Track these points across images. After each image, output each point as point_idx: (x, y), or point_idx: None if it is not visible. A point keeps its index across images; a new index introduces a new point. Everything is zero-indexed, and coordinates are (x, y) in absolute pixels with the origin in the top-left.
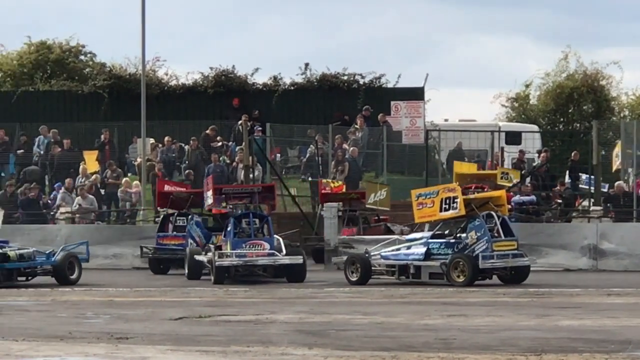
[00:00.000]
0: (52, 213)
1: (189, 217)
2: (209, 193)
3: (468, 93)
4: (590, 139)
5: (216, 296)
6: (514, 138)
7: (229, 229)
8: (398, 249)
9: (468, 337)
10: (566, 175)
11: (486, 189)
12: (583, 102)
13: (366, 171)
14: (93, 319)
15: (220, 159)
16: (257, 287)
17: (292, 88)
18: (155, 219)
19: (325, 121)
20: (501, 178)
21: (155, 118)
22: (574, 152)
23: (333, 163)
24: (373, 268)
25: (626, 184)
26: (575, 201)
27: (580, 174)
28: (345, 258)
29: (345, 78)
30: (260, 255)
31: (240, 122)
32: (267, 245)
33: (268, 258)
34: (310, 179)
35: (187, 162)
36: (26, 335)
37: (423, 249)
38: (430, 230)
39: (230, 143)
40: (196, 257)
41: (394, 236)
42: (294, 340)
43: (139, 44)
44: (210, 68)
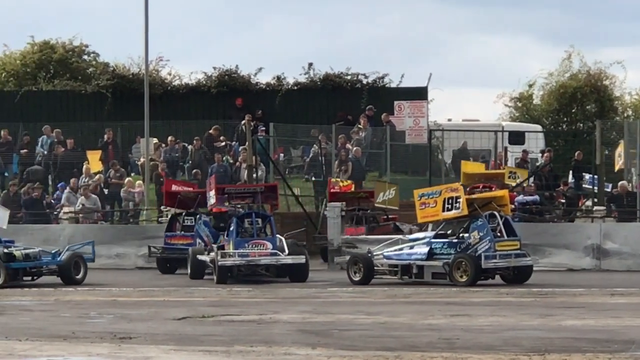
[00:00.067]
0: (56, 213)
1: (197, 217)
2: (212, 193)
3: (471, 93)
4: (593, 139)
5: (219, 296)
6: (517, 138)
7: (231, 229)
8: (401, 249)
9: (471, 337)
10: (569, 175)
11: (494, 189)
12: (586, 102)
13: (369, 171)
14: (96, 319)
15: (224, 158)
16: (260, 287)
17: (296, 88)
18: (159, 219)
19: (328, 121)
20: (509, 177)
21: (159, 118)
22: (577, 152)
23: (336, 163)
24: (376, 268)
25: (629, 184)
26: (579, 201)
27: (583, 173)
28: (348, 258)
29: (348, 78)
30: (262, 255)
31: (243, 122)
32: (270, 245)
33: (270, 258)
34: (313, 178)
35: (191, 162)
36: (29, 335)
37: (426, 249)
38: (434, 230)
39: (234, 143)
40: (199, 257)
41: (397, 236)
42: (297, 340)
43: (142, 43)
44: (214, 68)
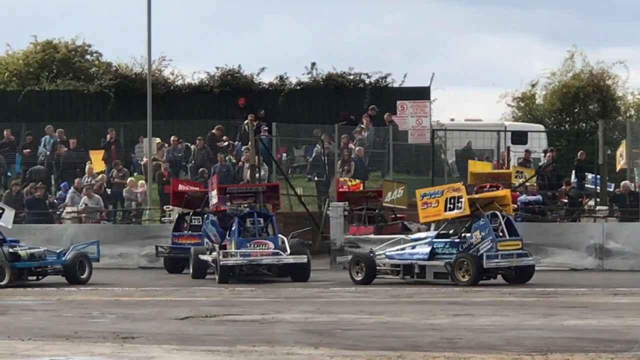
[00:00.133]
0: (59, 213)
1: (205, 217)
2: (214, 193)
3: (474, 93)
4: (596, 139)
5: (222, 296)
6: (520, 138)
7: (233, 229)
8: (403, 249)
9: (474, 337)
10: (572, 175)
11: (501, 188)
12: (589, 102)
13: (372, 171)
14: (99, 319)
15: (227, 158)
16: (263, 287)
17: (298, 88)
18: (161, 219)
19: (331, 121)
20: (515, 177)
21: (161, 118)
22: (580, 152)
23: (339, 163)
24: (378, 267)
25: (632, 184)
26: (582, 201)
27: (586, 173)
28: (350, 257)
29: (351, 77)
30: (264, 255)
31: (246, 122)
32: (272, 245)
33: (272, 257)
34: (316, 178)
35: (193, 162)
36: (32, 334)
37: (428, 249)
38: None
39: (237, 142)
40: (201, 257)
41: (399, 236)
42: (300, 340)
43: (145, 43)
44: (216, 67)
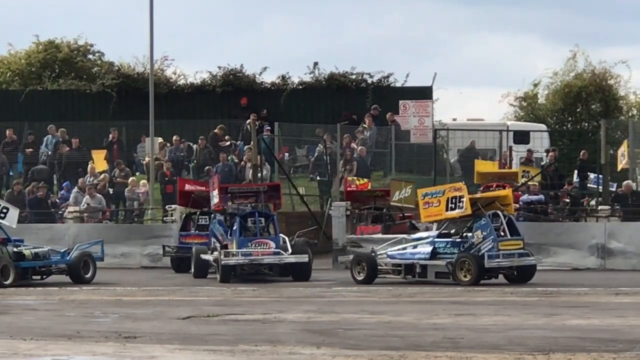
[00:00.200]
0: (61, 212)
1: (212, 216)
2: (215, 192)
3: (476, 92)
4: (598, 138)
5: (224, 295)
6: (522, 137)
7: (234, 228)
8: (404, 248)
9: (476, 337)
10: (574, 175)
11: (507, 188)
12: (591, 102)
13: (374, 170)
14: (101, 318)
15: (229, 158)
16: (265, 287)
17: (301, 87)
18: (164, 218)
19: (333, 120)
20: (522, 176)
21: (164, 117)
22: (582, 152)
23: (341, 162)
24: (379, 267)
25: (634, 183)
26: (584, 201)
27: (588, 173)
28: (351, 257)
29: (353, 77)
30: (265, 254)
31: (248, 121)
32: (273, 244)
33: (273, 257)
34: (318, 178)
35: (195, 161)
36: (34, 334)
37: (429, 248)
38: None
39: (239, 142)
40: (202, 256)
41: (400, 235)
42: (302, 340)
43: (147, 43)
44: (219, 67)
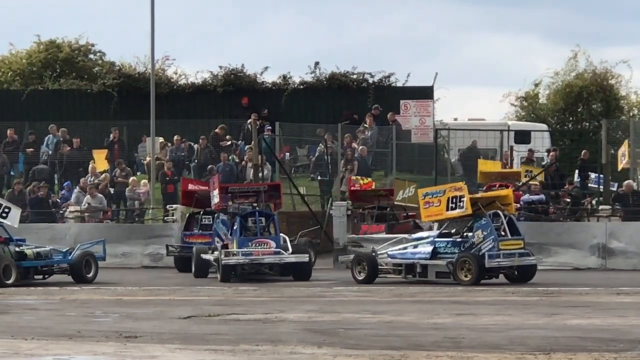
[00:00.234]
0: (62, 212)
1: (215, 216)
2: (215, 192)
3: (477, 92)
4: (599, 138)
5: (225, 295)
6: (523, 137)
7: (235, 228)
8: (405, 248)
9: (477, 336)
10: (575, 174)
11: (510, 187)
12: (592, 101)
13: (375, 170)
14: (102, 318)
15: (230, 157)
16: (266, 286)
17: (302, 87)
18: (164, 218)
19: (334, 120)
20: (525, 176)
21: (165, 117)
22: (583, 151)
23: (342, 162)
24: (380, 267)
25: (635, 183)
26: (585, 201)
27: (589, 173)
28: (352, 257)
29: (354, 77)
30: (266, 254)
31: (249, 121)
32: (273, 244)
33: (274, 256)
34: (319, 177)
35: (196, 161)
36: (35, 334)
37: (430, 248)
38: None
39: (240, 142)
40: (203, 256)
41: (401, 235)
42: (303, 339)
43: (148, 42)
44: (220, 67)
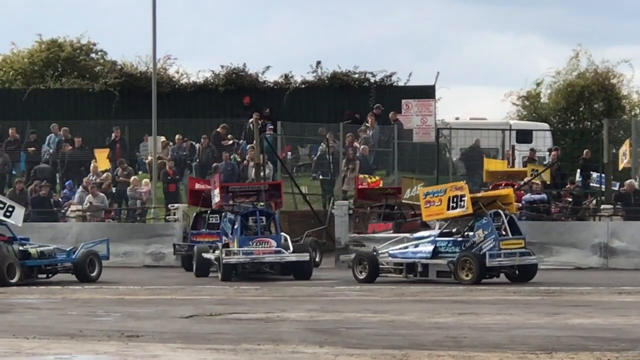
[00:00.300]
0: (63, 211)
1: (222, 215)
2: (216, 191)
3: (479, 91)
4: (601, 138)
5: (227, 294)
6: (524, 136)
7: (235, 227)
8: (406, 247)
9: (478, 336)
10: (577, 174)
11: (516, 186)
12: (594, 101)
13: (377, 169)
14: (103, 317)
15: (231, 157)
16: (268, 285)
17: (303, 86)
18: (166, 217)
19: (336, 119)
20: (531, 175)
21: (166, 116)
22: (585, 151)
23: (344, 161)
24: (381, 266)
25: (637, 182)
26: (586, 199)
27: (591, 172)
28: (353, 256)
29: (356, 76)
30: (266, 253)
31: (251, 120)
32: (274, 243)
33: (274, 255)
34: (321, 177)
35: (198, 160)
36: (37, 333)
37: (430, 247)
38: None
39: (241, 141)
40: (204, 255)
41: (403, 234)
42: (305, 339)
43: (149, 41)
44: (221, 66)
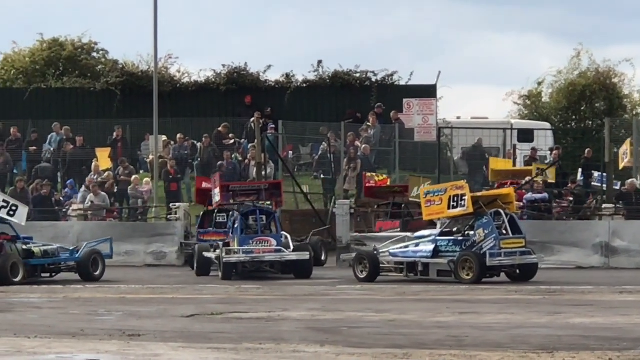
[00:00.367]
0: (65, 210)
1: (230, 213)
2: (217, 190)
3: (480, 90)
4: (602, 137)
5: (228, 293)
6: (526, 136)
7: (236, 226)
8: (406, 247)
9: (480, 335)
10: (578, 173)
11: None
12: (595, 100)
13: (378, 168)
14: (105, 316)
15: (233, 156)
16: (269, 285)
17: (305, 85)
18: (167, 216)
19: (337, 118)
20: (537, 174)
21: (168, 115)
22: (587, 150)
23: (345, 160)
24: (381, 265)
25: (638, 182)
26: (588, 199)
27: (592, 171)
28: (354, 255)
29: (357, 75)
30: (267, 252)
31: (252, 120)
32: (274, 242)
33: (275, 254)
34: (322, 176)
35: (200, 160)
36: (38, 332)
37: (431, 247)
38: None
39: (243, 140)
40: (205, 254)
41: (404, 233)
42: (306, 338)
43: (151, 41)
44: (223, 65)
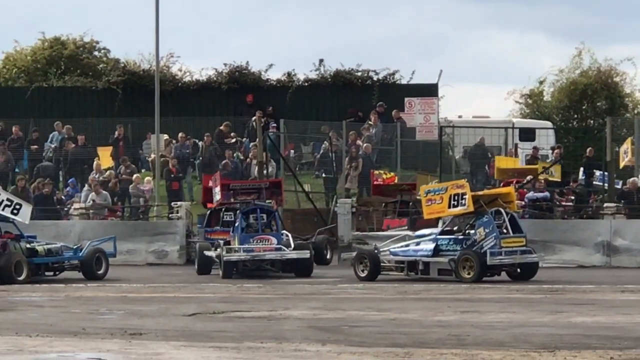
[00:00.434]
0: (66, 209)
1: (237, 212)
2: (217, 189)
3: (482, 89)
4: (604, 136)
5: (229, 292)
6: (527, 134)
7: (236, 224)
8: (407, 245)
9: (481, 334)
10: (580, 172)
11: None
12: (597, 99)
13: (380, 167)
14: (106, 315)
15: (234, 155)
16: (271, 283)
17: (306, 84)
18: (169, 215)
19: (339, 117)
20: (542, 172)
21: (169, 114)
22: (588, 149)
23: (347, 159)
24: (382, 264)
25: None
26: (590, 198)
27: (594, 170)
28: (354, 254)
29: (359, 74)
30: (267, 250)
31: (254, 119)
32: (275, 240)
33: (275, 253)
34: (323, 175)
35: (201, 158)
36: (40, 331)
37: (432, 245)
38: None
39: (244, 139)
40: (206, 253)
41: (404, 232)
42: (308, 336)
43: (152, 39)
44: (224, 64)
